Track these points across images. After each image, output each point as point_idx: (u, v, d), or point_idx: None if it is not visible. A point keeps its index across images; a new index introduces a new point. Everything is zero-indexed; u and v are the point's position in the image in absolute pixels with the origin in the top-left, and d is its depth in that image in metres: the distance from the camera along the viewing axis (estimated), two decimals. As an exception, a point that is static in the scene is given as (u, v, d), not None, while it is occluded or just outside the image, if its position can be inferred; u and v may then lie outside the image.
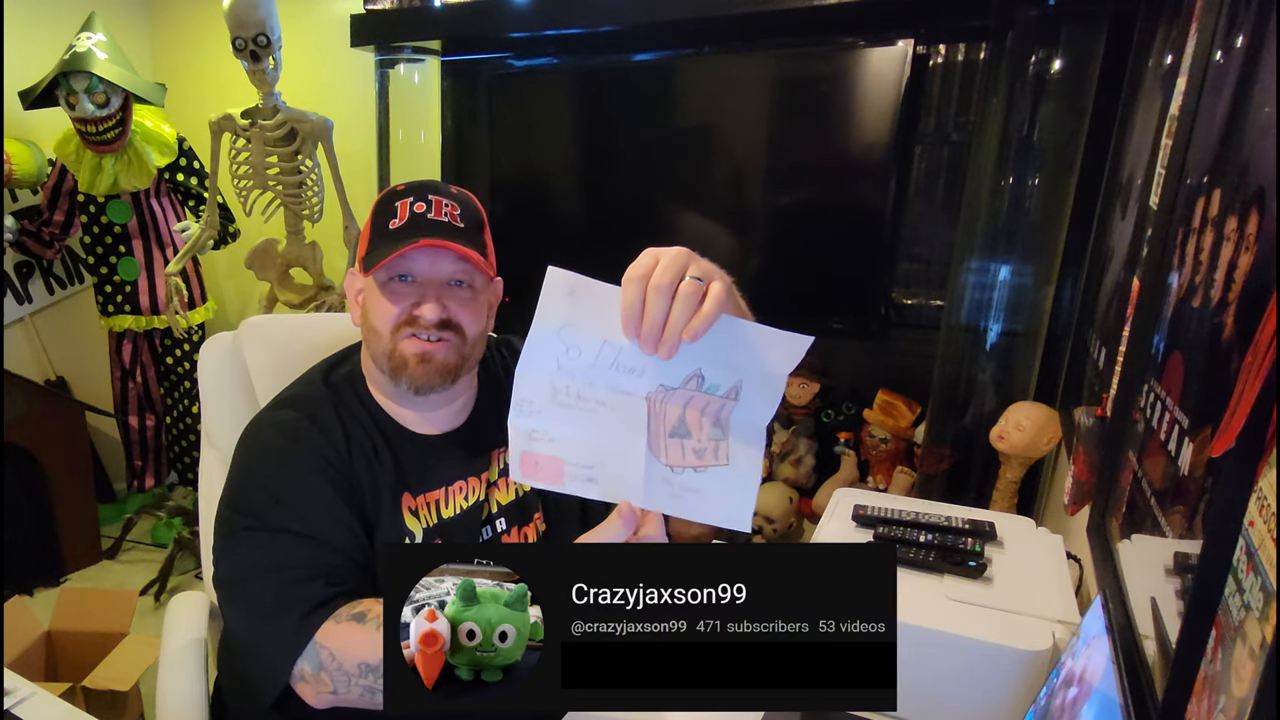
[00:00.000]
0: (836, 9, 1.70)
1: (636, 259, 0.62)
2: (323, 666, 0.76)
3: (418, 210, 0.89)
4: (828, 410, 2.10)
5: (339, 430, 0.90)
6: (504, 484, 0.99)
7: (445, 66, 2.37)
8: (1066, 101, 1.60)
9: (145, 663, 1.70)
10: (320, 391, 0.94)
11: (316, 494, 0.85)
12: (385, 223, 0.90)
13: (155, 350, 2.73)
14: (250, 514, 0.85)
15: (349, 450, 0.89)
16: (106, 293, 2.64)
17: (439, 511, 0.93)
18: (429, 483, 0.93)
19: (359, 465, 0.89)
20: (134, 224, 2.58)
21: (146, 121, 2.52)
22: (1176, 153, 0.87)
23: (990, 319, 1.74)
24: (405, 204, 0.89)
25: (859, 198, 1.96)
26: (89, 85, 2.31)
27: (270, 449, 0.89)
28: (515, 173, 2.41)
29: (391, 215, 0.90)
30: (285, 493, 0.85)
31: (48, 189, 2.58)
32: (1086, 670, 0.65)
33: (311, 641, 0.77)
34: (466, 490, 0.95)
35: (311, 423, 0.90)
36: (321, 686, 0.77)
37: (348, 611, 0.78)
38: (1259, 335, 0.53)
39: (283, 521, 0.84)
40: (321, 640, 0.77)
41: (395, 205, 0.90)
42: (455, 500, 0.94)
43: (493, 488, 0.98)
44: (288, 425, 0.90)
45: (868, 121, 1.88)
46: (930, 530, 0.99)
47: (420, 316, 0.88)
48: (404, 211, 0.89)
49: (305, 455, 0.87)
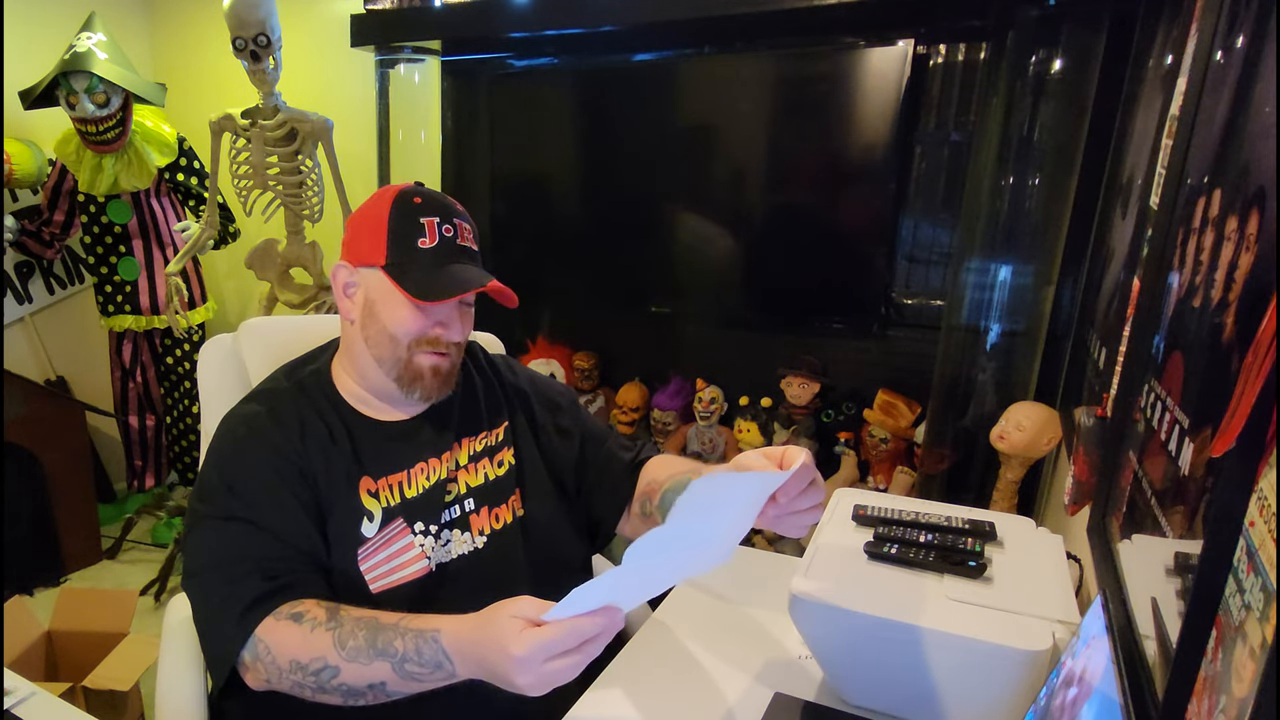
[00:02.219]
0: (836, 9, 1.70)
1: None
2: (259, 658, 0.82)
3: (446, 234, 0.94)
4: (828, 410, 2.10)
5: (295, 422, 0.95)
6: (473, 468, 1.02)
7: (445, 66, 2.37)
8: (1066, 101, 1.60)
9: (145, 663, 1.70)
10: (283, 386, 1.00)
11: (264, 482, 0.90)
12: (412, 238, 0.93)
13: (155, 350, 2.73)
14: (207, 502, 0.91)
15: (303, 441, 0.94)
16: (106, 293, 2.64)
17: (402, 492, 0.96)
18: (390, 466, 0.97)
19: (313, 454, 0.93)
20: (134, 224, 2.58)
21: (146, 121, 2.52)
22: (1177, 153, 0.87)
23: (990, 319, 1.74)
24: (433, 224, 0.94)
25: (859, 197, 1.96)
26: (89, 85, 2.32)
27: (230, 439, 0.95)
28: (515, 173, 2.41)
29: (419, 233, 0.93)
30: (237, 481, 0.91)
31: (48, 189, 2.58)
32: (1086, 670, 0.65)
33: (252, 635, 0.82)
34: (428, 470, 0.99)
35: (270, 414, 0.95)
36: (258, 674, 0.83)
37: (288, 610, 0.83)
38: (1259, 335, 0.53)
39: (233, 509, 0.89)
40: (260, 634, 0.82)
41: (421, 223, 0.93)
42: (417, 480, 0.98)
43: (461, 470, 1.01)
44: (247, 417, 0.96)
45: (868, 121, 1.88)
46: (930, 530, 0.99)
47: (442, 337, 0.96)
48: (433, 233, 0.94)
49: (258, 444, 0.92)
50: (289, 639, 0.81)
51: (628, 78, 2.19)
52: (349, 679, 0.79)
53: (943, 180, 1.91)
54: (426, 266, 0.93)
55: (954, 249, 1.87)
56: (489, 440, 1.06)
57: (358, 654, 0.78)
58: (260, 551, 0.87)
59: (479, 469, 1.03)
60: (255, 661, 0.82)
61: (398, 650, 0.77)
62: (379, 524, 0.94)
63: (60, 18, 2.59)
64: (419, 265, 0.93)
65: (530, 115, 2.33)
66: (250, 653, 0.82)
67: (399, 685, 0.78)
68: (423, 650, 0.76)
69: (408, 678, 0.77)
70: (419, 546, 0.95)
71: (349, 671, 0.78)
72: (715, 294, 2.21)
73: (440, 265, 0.93)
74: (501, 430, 1.07)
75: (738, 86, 2.04)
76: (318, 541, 0.91)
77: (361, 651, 0.78)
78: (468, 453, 1.03)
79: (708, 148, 2.13)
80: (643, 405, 2.32)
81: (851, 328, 2.06)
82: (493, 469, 1.04)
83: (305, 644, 0.80)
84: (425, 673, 0.77)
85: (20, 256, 2.69)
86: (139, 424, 2.78)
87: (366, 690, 0.79)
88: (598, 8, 1.92)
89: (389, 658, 0.77)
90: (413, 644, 0.77)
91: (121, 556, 2.67)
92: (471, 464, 1.03)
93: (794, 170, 2.03)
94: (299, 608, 0.83)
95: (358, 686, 0.79)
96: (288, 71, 2.14)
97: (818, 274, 2.05)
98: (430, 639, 0.76)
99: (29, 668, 1.71)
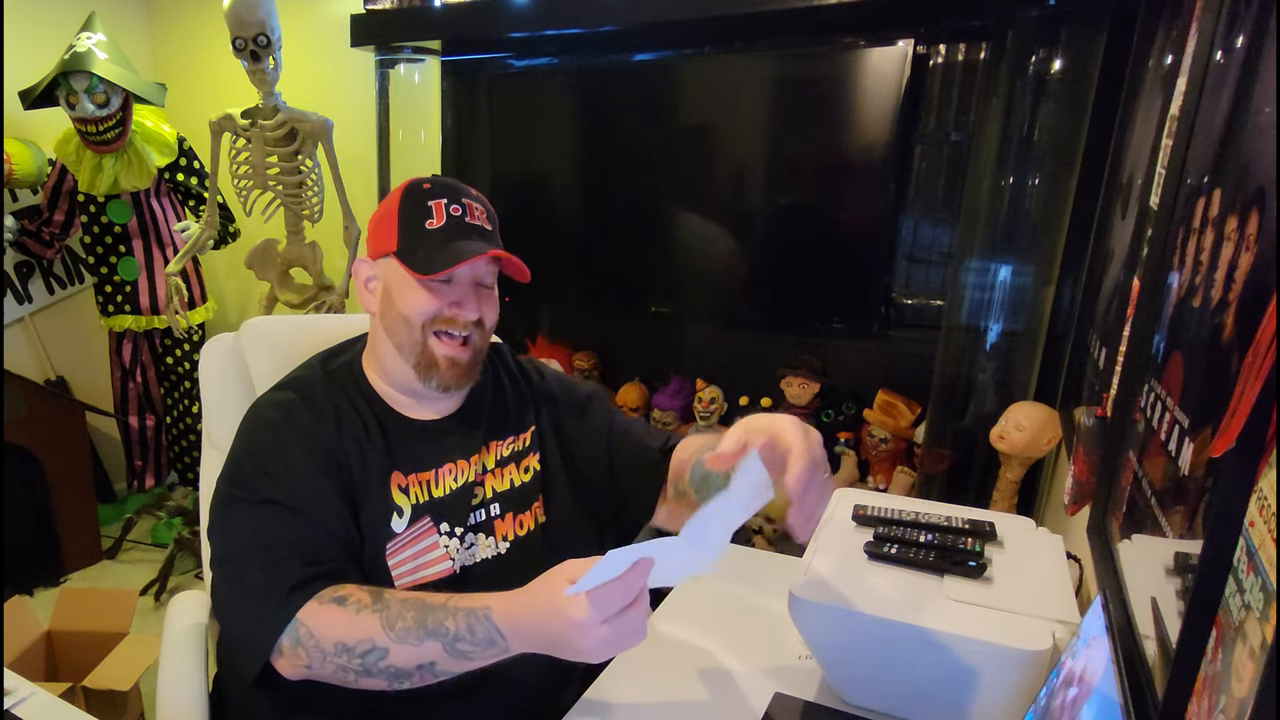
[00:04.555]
0: (836, 9, 1.70)
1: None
2: (300, 642, 0.80)
3: (454, 213, 0.94)
4: (828, 410, 2.10)
5: (330, 411, 0.94)
6: (500, 473, 1.02)
7: (445, 66, 2.37)
8: (1066, 101, 1.60)
9: (145, 663, 1.70)
10: (318, 375, 0.99)
11: (303, 468, 0.89)
12: (420, 220, 0.94)
13: (155, 350, 2.73)
14: (242, 486, 0.90)
15: (339, 429, 0.93)
16: (106, 293, 2.64)
17: (430, 490, 0.96)
18: (420, 463, 0.96)
19: (348, 444, 0.93)
20: (134, 224, 2.58)
21: (146, 121, 2.52)
22: (1176, 153, 0.87)
23: (990, 319, 1.74)
24: (440, 205, 0.94)
25: (859, 197, 1.96)
26: (89, 85, 2.32)
27: (264, 424, 0.93)
28: (515, 172, 2.41)
29: (426, 215, 0.94)
30: (274, 466, 0.89)
31: (48, 189, 2.58)
32: (1086, 670, 0.65)
33: (294, 619, 0.80)
34: (456, 472, 0.98)
35: (305, 402, 0.94)
36: (298, 660, 0.81)
37: (330, 594, 0.82)
38: (1259, 335, 0.53)
39: (270, 493, 0.88)
40: (303, 618, 0.80)
41: (429, 205, 0.94)
42: (445, 481, 0.97)
43: (488, 474, 1.01)
44: (282, 403, 0.95)
45: (868, 121, 1.88)
46: (930, 530, 0.99)
47: (457, 317, 0.94)
48: (440, 213, 0.94)
49: (295, 431, 0.92)
50: (334, 621, 0.80)
51: (628, 78, 2.19)
52: (398, 660, 0.78)
53: (943, 180, 1.91)
54: (434, 245, 0.92)
55: (954, 249, 1.87)
56: (516, 445, 1.05)
57: (407, 635, 0.77)
58: (300, 536, 0.86)
59: (505, 474, 1.02)
60: (296, 647, 0.80)
61: (449, 630, 0.77)
62: (408, 520, 0.93)
63: (60, 18, 2.59)
64: (427, 245, 0.93)
65: (530, 115, 2.34)
66: (290, 637, 0.80)
67: (449, 665, 0.78)
68: (475, 629, 0.76)
69: (459, 657, 0.77)
70: (443, 548, 0.95)
71: (398, 653, 0.78)
72: (715, 294, 2.21)
73: (448, 242, 0.93)
74: (529, 435, 1.07)
75: (738, 86, 2.04)
76: (353, 530, 0.90)
77: (411, 632, 0.77)
78: (495, 456, 1.02)
79: (708, 148, 2.13)
80: (643, 405, 2.32)
81: (851, 328, 2.06)
82: (519, 475, 1.04)
83: (351, 626, 0.79)
84: (478, 651, 0.76)
85: (20, 256, 2.69)
86: (139, 424, 2.78)
87: (414, 671, 0.78)
88: (598, 8, 1.92)
89: (440, 638, 0.77)
90: (464, 622, 0.77)
91: (121, 556, 2.67)
92: (499, 468, 1.02)
93: (794, 170, 2.04)
94: (341, 591, 0.82)
95: (406, 668, 0.78)
96: (288, 71, 2.14)
97: (818, 274, 2.05)
98: (482, 617, 0.76)
99: (29, 668, 1.71)
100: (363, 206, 2.39)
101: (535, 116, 2.33)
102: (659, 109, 2.15)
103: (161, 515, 2.73)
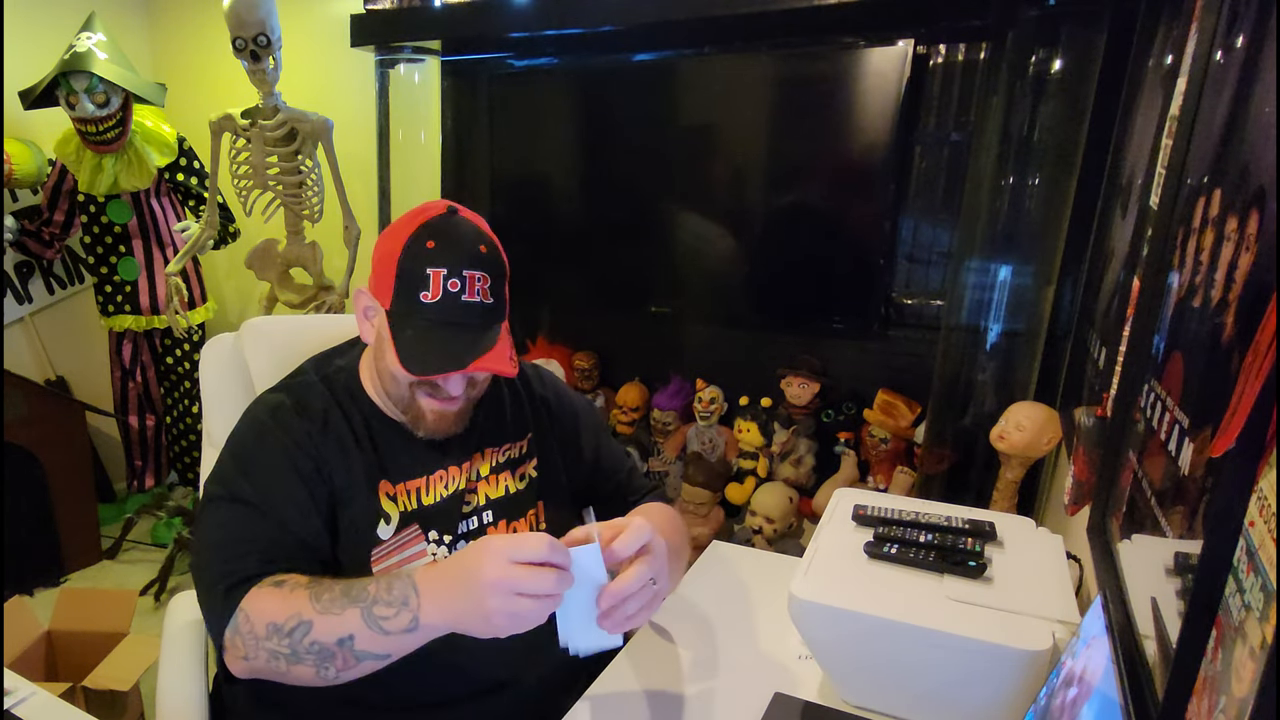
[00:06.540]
0: (836, 9, 1.70)
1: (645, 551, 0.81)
2: (238, 631, 0.80)
3: (451, 289, 0.88)
4: (828, 410, 2.10)
5: (319, 414, 0.94)
6: (494, 480, 1.02)
7: (445, 66, 2.37)
8: (1066, 101, 1.60)
9: (145, 663, 1.70)
10: (311, 379, 0.99)
11: (276, 469, 0.90)
12: (415, 289, 0.88)
13: (155, 350, 2.73)
14: (220, 483, 0.91)
15: (324, 434, 0.93)
16: (106, 293, 2.64)
17: (419, 498, 0.96)
18: (409, 471, 0.96)
19: (331, 450, 0.92)
20: (134, 224, 2.58)
21: (146, 121, 2.52)
22: (1176, 153, 0.87)
23: (990, 319, 1.74)
24: (438, 277, 0.88)
25: (859, 198, 1.96)
26: (89, 85, 2.31)
27: (252, 425, 0.95)
28: (515, 173, 2.41)
29: (423, 285, 0.88)
30: (250, 465, 0.91)
31: (48, 189, 2.58)
32: (1086, 670, 0.65)
33: (236, 609, 0.81)
34: (447, 479, 0.98)
35: (294, 405, 0.94)
36: (237, 653, 0.81)
37: (271, 580, 0.82)
38: (1259, 335, 0.53)
39: (243, 492, 0.89)
40: (243, 605, 0.81)
41: (427, 273, 0.88)
42: (435, 488, 0.97)
43: (481, 481, 1.01)
44: (272, 405, 0.95)
45: (868, 121, 1.88)
46: (930, 530, 0.99)
47: (443, 388, 0.92)
48: (436, 286, 0.88)
49: (277, 433, 0.92)
50: (268, 603, 0.80)
51: (628, 78, 2.19)
52: (320, 634, 0.77)
53: (942, 180, 1.91)
54: (423, 326, 0.88)
55: (954, 249, 1.87)
56: (512, 452, 1.04)
57: (331, 604, 0.77)
58: (262, 536, 0.86)
59: (500, 481, 1.02)
60: (234, 637, 0.80)
61: (369, 594, 0.77)
62: (395, 527, 0.93)
63: (60, 18, 2.59)
64: (416, 322, 0.88)
65: (530, 115, 2.34)
66: (231, 628, 0.81)
67: (367, 640, 0.76)
68: (393, 585, 0.77)
69: (374, 626, 0.76)
70: (431, 555, 0.94)
71: (320, 625, 0.77)
72: (715, 294, 2.21)
73: (437, 326, 0.88)
74: (526, 442, 1.06)
75: (738, 86, 2.04)
76: (322, 535, 0.90)
77: (335, 602, 0.77)
78: (490, 464, 1.02)
79: (708, 148, 2.13)
80: (643, 405, 2.32)
81: (851, 328, 2.06)
82: (514, 482, 1.03)
83: (283, 604, 0.79)
84: (391, 614, 0.76)
85: (20, 256, 2.69)
86: (139, 424, 2.78)
87: (336, 650, 0.77)
88: (598, 8, 1.92)
89: (360, 603, 0.77)
90: (385, 583, 0.77)
91: (121, 556, 2.67)
92: (493, 475, 1.02)
93: (794, 170, 2.04)
94: (281, 577, 0.83)
95: (328, 644, 0.77)
96: (288, 71, 2.14)
97: (818, 274, 2.05)
98: (404, 575, 0.77)
99: (29, 668, 1.71)
100: (363, 206, 2.39)
101: (535, 116, 2.33)
102: (659, 109, 2.15)
103: (161, 515, 2.73)
